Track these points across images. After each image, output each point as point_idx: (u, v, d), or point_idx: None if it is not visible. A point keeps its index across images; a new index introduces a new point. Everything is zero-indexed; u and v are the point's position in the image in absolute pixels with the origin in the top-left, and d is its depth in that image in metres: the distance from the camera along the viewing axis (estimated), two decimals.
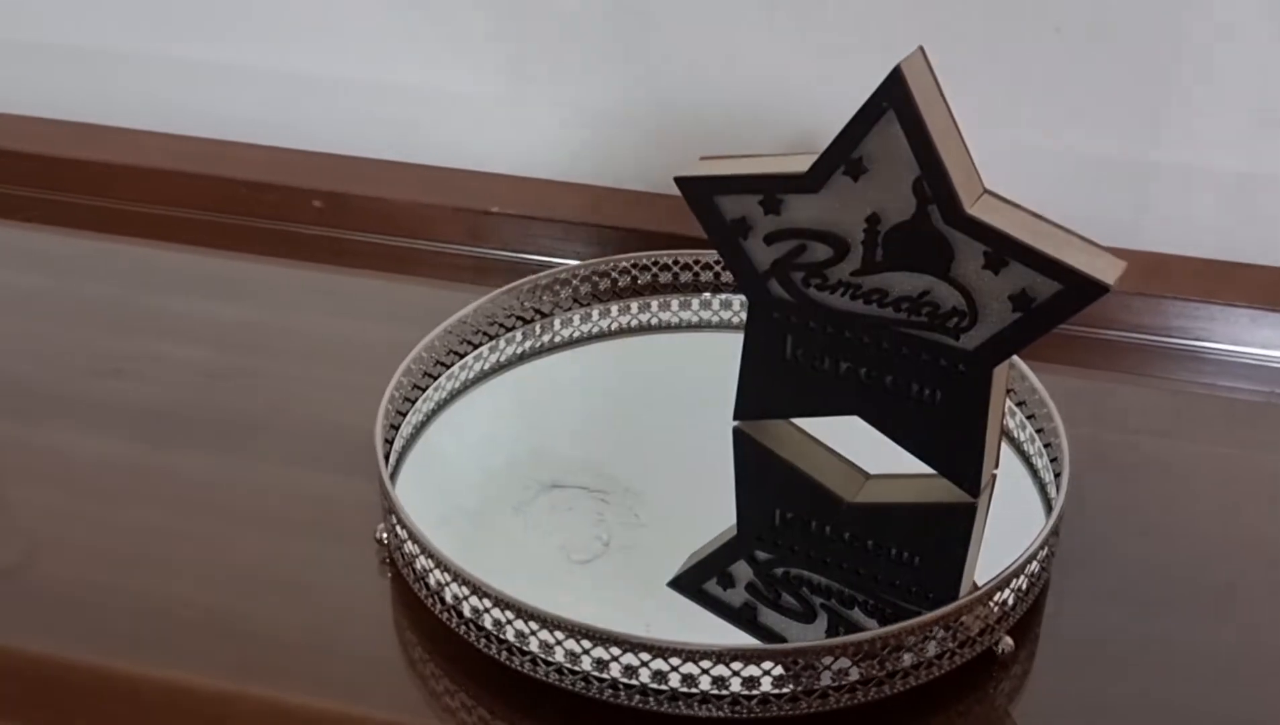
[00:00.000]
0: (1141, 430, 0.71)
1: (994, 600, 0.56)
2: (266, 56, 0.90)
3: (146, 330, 0.77)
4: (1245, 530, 0.64)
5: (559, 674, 0.54)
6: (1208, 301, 0.76)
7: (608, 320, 0.74)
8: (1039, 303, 0.55)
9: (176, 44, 0.91)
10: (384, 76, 0.88)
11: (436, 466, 0.66)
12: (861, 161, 0.56)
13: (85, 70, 0.93)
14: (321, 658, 0.58)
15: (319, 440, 0.69)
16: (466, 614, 0.56)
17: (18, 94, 0.94)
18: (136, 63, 0.92)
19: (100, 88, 0.93)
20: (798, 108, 0.80)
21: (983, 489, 0.61)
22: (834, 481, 0.64)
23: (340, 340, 0.77)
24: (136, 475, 0.67)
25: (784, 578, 0.61)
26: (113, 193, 0.88)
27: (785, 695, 0.53)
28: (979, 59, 0.78)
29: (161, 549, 0.63)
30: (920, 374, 0.60)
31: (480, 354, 0.71)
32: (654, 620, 0.56)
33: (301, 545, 0.63)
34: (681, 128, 0.83)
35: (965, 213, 0.55)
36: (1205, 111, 0.77)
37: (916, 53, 0.55)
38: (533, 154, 0.87)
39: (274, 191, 0.87)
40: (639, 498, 0.64)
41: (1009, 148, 0.65)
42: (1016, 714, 0.56)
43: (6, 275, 0.83)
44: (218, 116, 0.91)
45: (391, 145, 0.89)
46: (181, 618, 0.60)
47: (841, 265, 0.59)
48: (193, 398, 0.72)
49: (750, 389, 0.64)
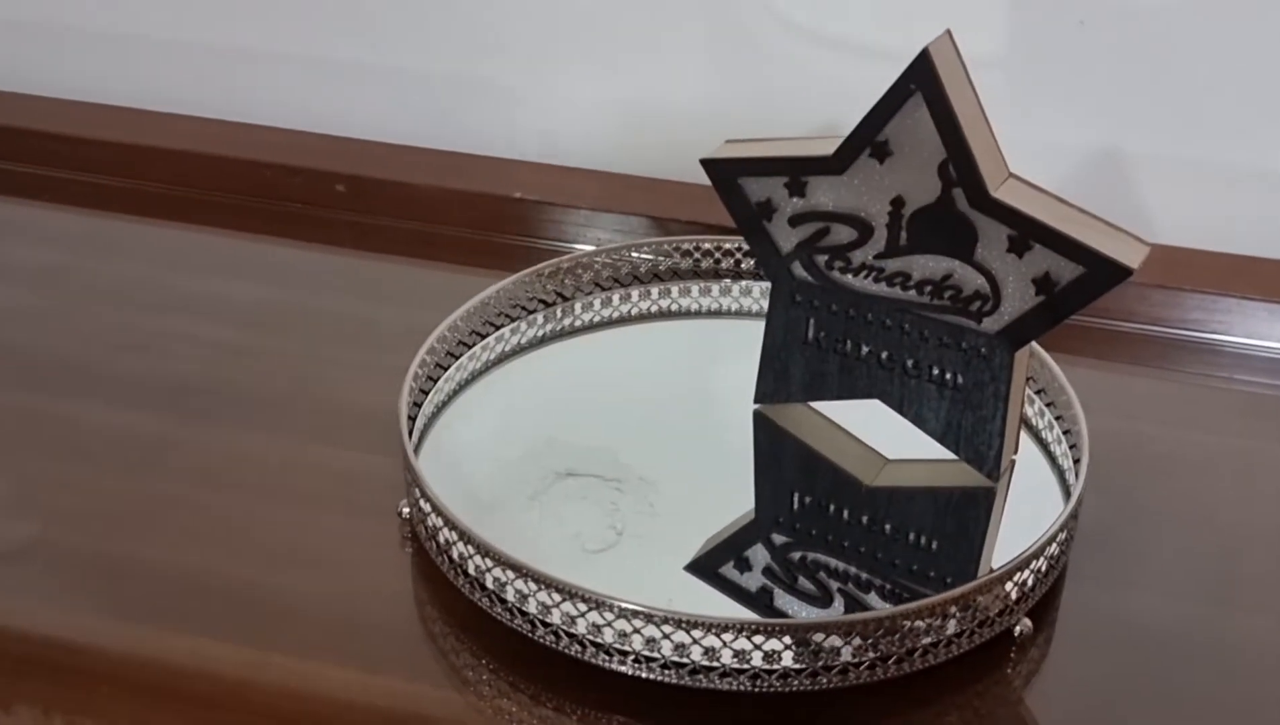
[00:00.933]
0: (1159, 421, 0.71)
1: (1013, 581, 0.56)
2: (293, 42, 0.90)
3: (173, 309, 0.78)
4: (1261, 520, 0.64)
5: (580, 647, 0.54)
6: (1226, 295, 0.76)
7: (628, 305, 0.75)
8: (1062, 286, 0.56)
9: (204, 29, 0.92)
10: (408, 63, 0.89)
11: (454, 453, 0.66)
12: (887, 144, 0.56)
13: (115, 54, 0.94)
14: (343, 629, 0.58)
15: (340, 418, 0.69)
16: (489, 586, 0.56)
17: (48, 76, 0.95)
18: (165, 47, 0.93)
19: (128, 71, 0.94)
20: (821, 96, 0.80)
21: (1002, 474, 0.61)
22: (853, 465, 0.64)
23: (361, 322, 0.78)
24: (160, 449, 0.68)
25: (801, 562, 0.61)
26: (141, 174, 0.89)
27: (805, 671, 0.53)
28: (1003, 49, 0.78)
29: (185, 522, 0.64)
30: (942, 357, 0.60)
31: (501, 336, 0.72)
32: (672, 604, 0.57)
33: (324, 519, 0.64)
34: (704, 114, 0.83)
35: (990, 196, 0.55)
36: (1222, 106, 0.77)
37: (944, 36, 0.55)
38: (556, 140, 0.87)
39: (298, 175, 0.87)
40: (654, 487, 0.64)
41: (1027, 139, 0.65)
42: (1033, 696, 0.56)
43: (35, 252, 0.84)
44: (244, 101, 0.92)
45: (415, 131, 0.90)
46: (205, 589, 0.60)
47: (865, 248, 0.59)
48: (216, 375, 0.73)
49: (771, 372, 0.65)
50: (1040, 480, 0.64)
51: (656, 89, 0.85)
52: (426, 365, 0.67)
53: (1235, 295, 0.76)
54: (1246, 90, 0.77)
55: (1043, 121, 0.79)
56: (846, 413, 0.66)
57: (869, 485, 0.63)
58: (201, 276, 0.82)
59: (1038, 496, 0.63)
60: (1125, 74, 0.78)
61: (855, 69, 0.80)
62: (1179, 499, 0.65)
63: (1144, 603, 0.60)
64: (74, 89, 0.94)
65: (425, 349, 0.67)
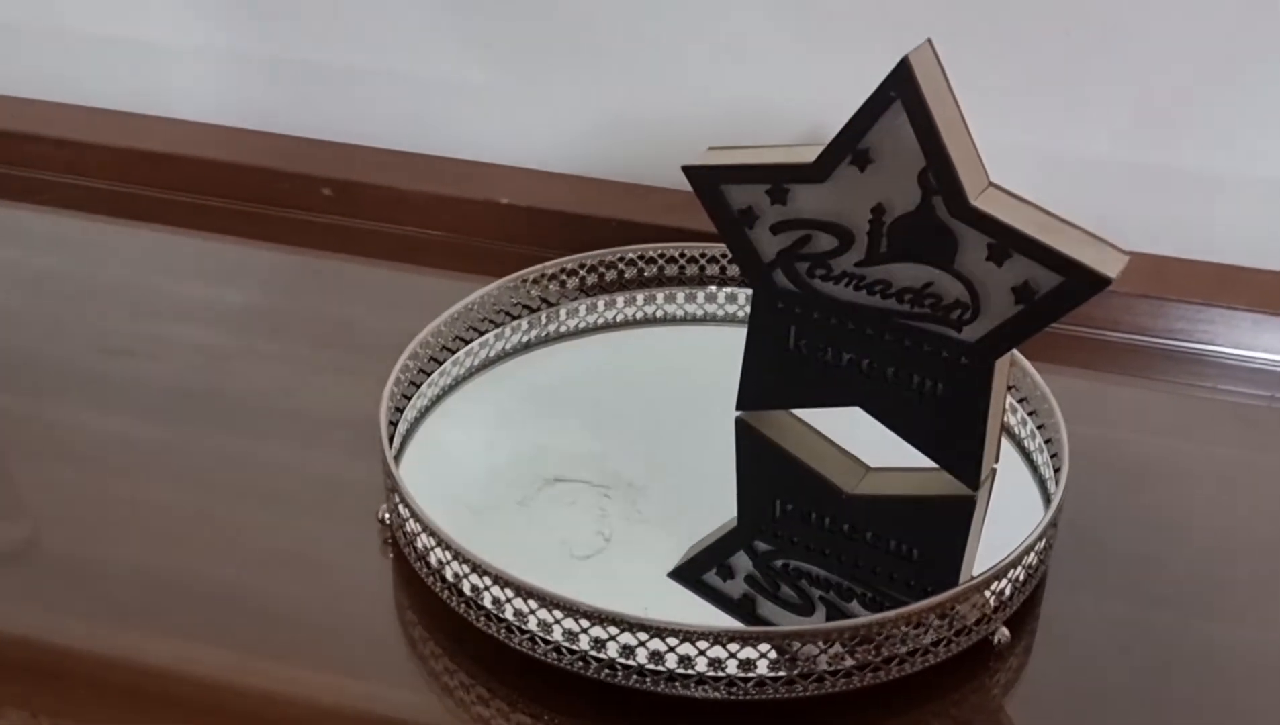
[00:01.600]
0: (1143, 431, 0.71)
1: (991, 590, 0.56)
2: (278, 45, 0.90)
3: (158, 313, 0.78)
4: (1243, 530, 0.64)
5: (557, 653, 0.54)
6: (1211, 305, 0.76)
7: (613, 311, 0.75)
8: (1041, 295, 0.56)
9: (192, 34, 0.92)
10: (395, 67, 0.89)
11: (439, 459, 0.66)
12: (868, 152, 0.57)
13: (103, 58, 0.94)
14: (323, 635, 0.58)
15: (325, 423, 0.69)
16: (466, 592, 0.56)
17: (36, 80, 0.95)
18: (154, 51, 0.93)
19: (116, 75, 0.94)
20: (805, 103, 0.81)
21: (982, 483, 0.61)
22: (834, 473, 0.64)
23: (348, 326, 0.78)
24: (145, 453, 0.68)
25: (783, 569, 0.61)
26: (127, 178, 0.89)
27: (781, 679, 0.53)
28: (987, 58, 0.78)
29: (168, 525, 0.63)
30: (922, 366, 0.60)
31: (486, 342, 0.72)
32: (653, 611, 0.56)
33: (306, 524, 0.64)
34: (689, 121, 0.83)
35: (970, 204, 0.55)
36: (1212, 115, 0.78)
37: (925, 45, 0.55)
38: (542, 147, 0.88)
39: (285, 179, 0.87)
40: (641, 493, 0.64)
41: (1013, 148, 0.66)
42: (1011, 705, 0.56)
43: (22, 255, 0.84)
44: (230, 104, 0.92)
45: (402, 136, 0.90)
46: (187, 592, 0.60)
47: (846, 256, 0.59)
48: (201, 379, 0.73)
49: (753, 379, 0.65)
50: (1021, 489, 0.64)
51: (641, 96, 0.85)
52: (409, 370, 0.67)
53: (1220, 305, 0.76)
54: (1230, 99, 0.77)
55: (1024, 130, 0.79)
56: (828, 420, 0.66)
57: (850, 493, 0.63)
58: (188, 281, 0.82)
59: (1018, 505, 0.63)
60: (1109, 82, 0.78)
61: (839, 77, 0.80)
62: (1160, 508, 0.65)
63: (1124, 612, 0.60)
64: (62, 92, 0.94)
65: (407, 354, 0.67)
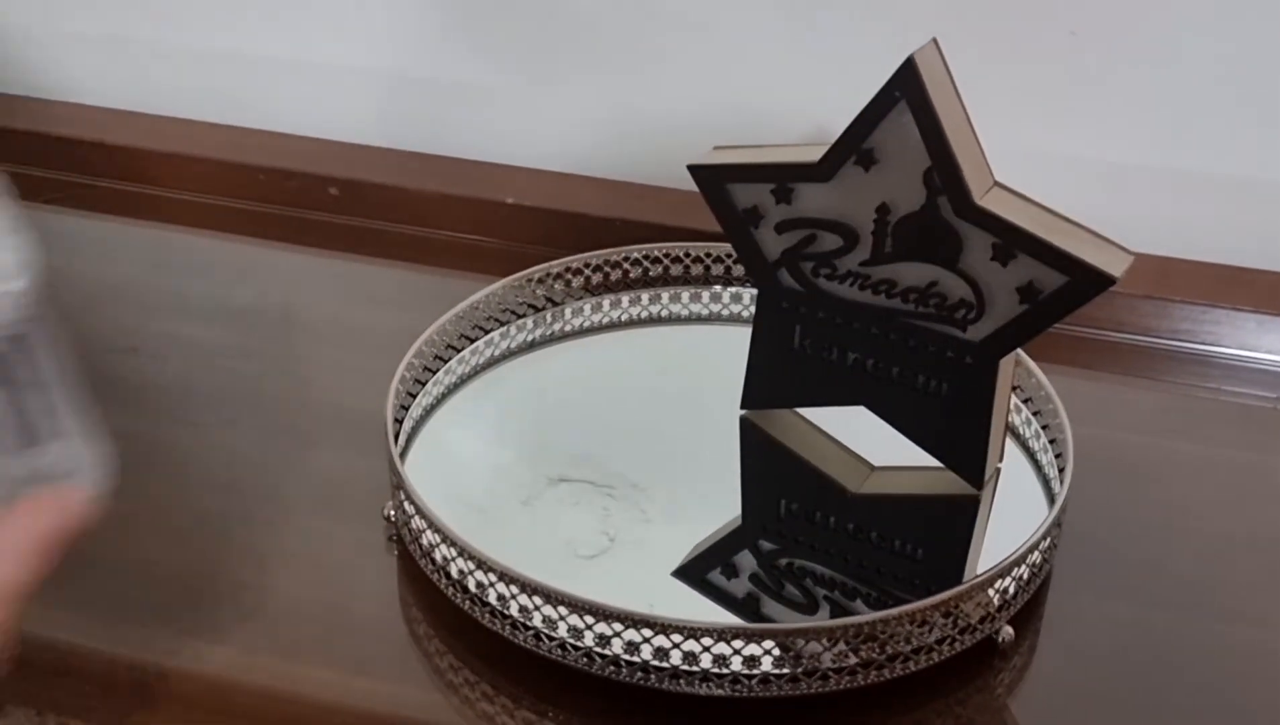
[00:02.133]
0: (1147, 431, 0.71)
1: (995, 588, 0.56)
2: (287, 46, 0.91)
3: (164, 311, 0.78)
4: (1248, 530, 0.64)
5: (562, 650, 0.54)
6: (1215, 306, 0.76)
7: (618, 310, 0.75)
8: (1046, 295, 0.56)
9: (198, 33, 0.92)
10: (403, 68, 0.89)
11: (444, 458, 0.66)
12: (873, 152, 0.57)
13: (108, 57, 0.94)
14: (328, 631, 0.58)
15: (331, 421, 0.69)
16: (471, 589, 0.56)
17: (41, 78, 0.95)
18: (159, 50, 0.93)
19: (122, 74, 0.94)
20: (810, 104, 0.81)
21: (986, 482, 0.62)
22: (839, 472, 0.65)
23: (354, 325, 0.78)
24: (149, 450, 0.68)
25: (788, 568, 0.61)
26: (134, 177, 0.89)
27: (785, 676, 0.53)
28: (992, 58, 0.78)
29: (173, 523, 0.64)
30: (927, 365, 0.60)
31: (491, 340, 0.72)
32: (658, 610, 0.56)
33: (311, 522, 0.64)
34: (694, 121, 0.83)
35: (975, 204, 0.56)
36: (1217, 115, 0.78)
37: (930, 44, 0.55)
38: (548, 146, 0.88)
39: (292, 178, 0.88)
40: (646, 493, 0.64)
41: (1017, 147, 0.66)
42: (1015, 703, 0.56)
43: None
44: (238, 104, 0.92)
45: (408, 135, 0.90)
46: (192, 590, 0.60)
47: (851, 255, 0.59)
48: (207, 377, 0.73)
49: (758, 378, 0.65)
50: (1025, 488, 0.64)
51: (647, 95, 0.85)
52: (414, 368, 0.67)
53: (1225, 306, 0.76)
54: (1237, 100, 0.77)
55: (1030, 130, 0.79)
56: (833, 420, 0.66)
57: (855, 492, 0.64)
58: (194, 279, 0.82)
59: (1022, 505, 0.63)
60: (1115, 83, 0.78)
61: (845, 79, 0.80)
62: (1164, 508, 0.65)
63: (1128, 611, 0.60)
64: (68, 91, 0.95)
65: (412, 352, 0.67)
